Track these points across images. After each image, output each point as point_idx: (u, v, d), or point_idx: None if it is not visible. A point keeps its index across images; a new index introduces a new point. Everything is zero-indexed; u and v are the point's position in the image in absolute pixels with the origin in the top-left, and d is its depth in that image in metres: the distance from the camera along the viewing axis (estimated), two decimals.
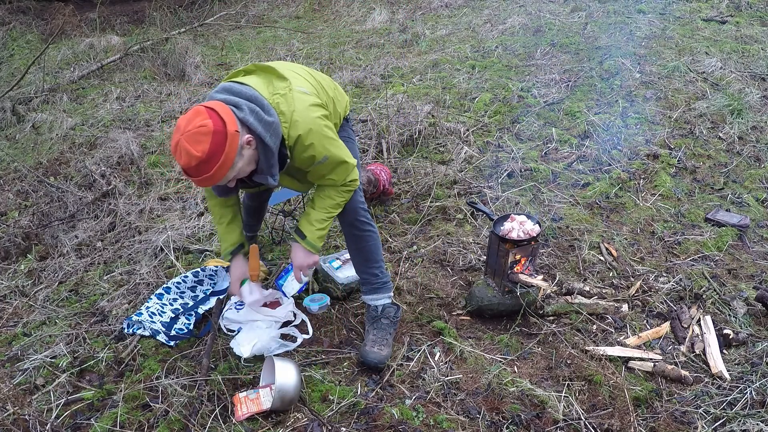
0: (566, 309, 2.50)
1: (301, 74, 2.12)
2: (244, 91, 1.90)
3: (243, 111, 1.84)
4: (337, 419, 2.04)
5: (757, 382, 2.11)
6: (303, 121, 1.94)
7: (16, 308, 2.69)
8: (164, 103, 4.91)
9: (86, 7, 7.61)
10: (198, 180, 1.81)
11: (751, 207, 3.26)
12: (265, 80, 2.00)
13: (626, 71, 4.78)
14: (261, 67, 2.05)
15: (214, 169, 1.78)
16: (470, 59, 5.39)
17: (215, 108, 1.79)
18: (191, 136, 1.74)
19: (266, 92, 1.94)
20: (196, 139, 1.74)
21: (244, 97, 1.88)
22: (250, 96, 1.89)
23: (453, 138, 3.94)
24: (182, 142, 1.75)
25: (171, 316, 2.52)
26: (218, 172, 1.80)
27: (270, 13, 8.11)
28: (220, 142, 1.76)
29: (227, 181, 1.89)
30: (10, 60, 6.26)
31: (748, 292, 2.61)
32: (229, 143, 1.78)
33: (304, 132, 1.94)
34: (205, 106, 1.80)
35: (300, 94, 1.98)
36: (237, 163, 1.84)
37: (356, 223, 2.27)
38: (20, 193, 3.71)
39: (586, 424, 1.99)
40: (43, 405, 2.11)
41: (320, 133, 1.99)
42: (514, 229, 2.47)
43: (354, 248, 2.35)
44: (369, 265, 2.35)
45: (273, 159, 1.93)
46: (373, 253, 2.34)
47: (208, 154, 1.75)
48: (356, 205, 2.25)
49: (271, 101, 1.92)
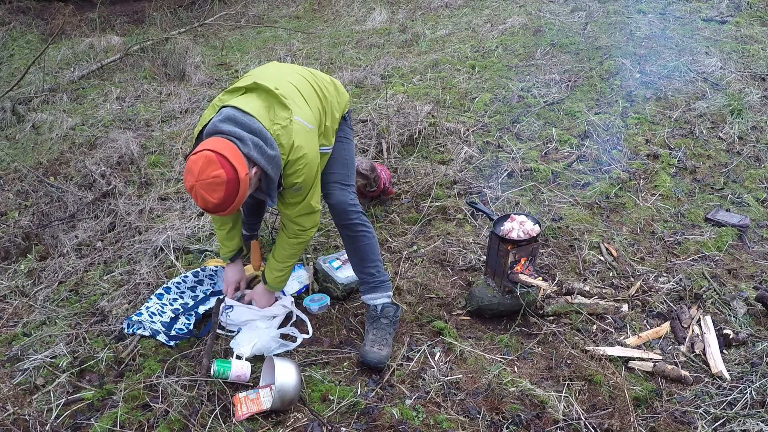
0: (566, 309, 2.50)
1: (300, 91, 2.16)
2: (247, 123, 1.96)
3: (247, 146, 1.92)
4: (337, 419, 2.04)
5: (757, 382, 2.11)
6: (298, 149, 2.04)
7: (16, 308, 2.69)
8: (164, 103, 4.91)
9: (86, 7, 7.61)
10: (217, 215, 2.07)
11: (751, 207, 3.26)
12: (266, 104, 2.04)
13: (626, 71, 4.78)
14: (263, 88, 2.06)
15: (230, 208, 1.94)
16: (470, 59, 5.39)
17: (224, 153, 1.86)
18: (207, 185, 1.86)
19: (267, 121, 2.00)
20: (211, 188, 1.86)
21: (247, 129, 1.95)
22: (253, 129, 1.95)
23: (453, 138, 3.94)
24: (198, 189, 1.87)
25: (171, 316, 2.52)
26: (233, 209, 1.96)
27: (270, 13, 8.11)
28: (233, 189, 1.89)
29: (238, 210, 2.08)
30: (10, 60, 6.26)
31: (748, 292, 2.61)
32: (242, 187, 1.91)
33: (294, 159, 2.05)
34: (215, 151, 1.86)
35: (299, 125, 2.06)
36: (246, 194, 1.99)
37: (348, 224, 2.32)
38: (20, 193, 3.71)
39: (586, 424, 1.99)
40: (43, 405, 2.11)
41: (309, 165, 2.10)
42: (514, 229, 2.47)
43: (350, 249, 2.40)
44: (365, 265, 2.38)
45: (272, 186, 2.05)
46: (368, 253, 2.37)
47: (224, 200, 1.89)
48: (345, 207, 2.30)
49: (272, 132, 1.99)
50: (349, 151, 2.42)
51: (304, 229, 2.27)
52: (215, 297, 2.61)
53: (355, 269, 2.45)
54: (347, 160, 2.38)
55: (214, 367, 2.13)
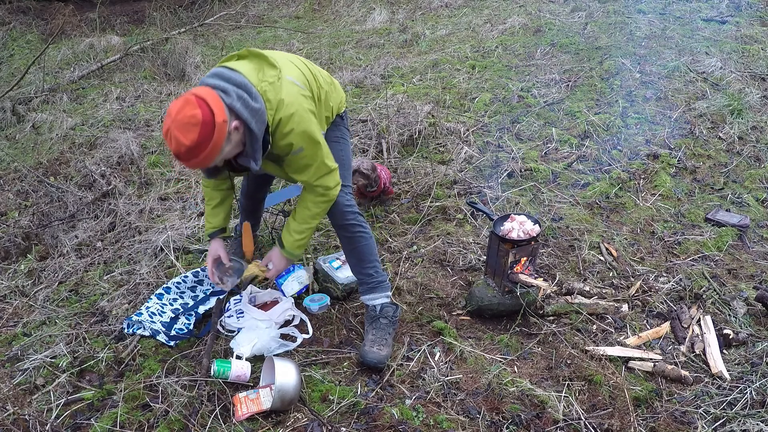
0: (566, 309, 2.50)
1: (295, 63, 2.15)
2: (233, 77, 1.94)
3: (231, 97, 1.89)
4: (337, 419, 2.04)
5: (757, 382, 2.11)
6: (287, 107, 1.98)
7: (16, 308, 2.69)
8: (164, 103, 4.90)
9: (86, 7, 7.61)
10: (189, 164, 1.90)
11: (751, 207, 3.26)
12: (257, 66, 2.03)
13: (626, 71, 4.78)
14: (254, 53, 2.08)
15: (202, 155, 1.85)
16: (470, 59, 5.39)
17: (205, 97, 1.83)
18: (181, 125, 1.80)
19: (255, 79, 1.98)
20: (185, 128, 1.80)
21: (233, 83, 1.92)
22: (238, 82, 1.93)
23: (453, 138, 3.94)
24: (173, 129, 1.82)
25: (171, 316, 2.52)
26: (206, 159, 1.87)
27: (270, 13, 8.11)
28: (208, 133, 1.82)
29: (215, 164, 1.96)
30: (10, 60, 6.26)
31: (748, 292, 2.61)
32: (217, 132, 1.84)
33: (285, 117, 1.98)
34: (195, 95, 1.84)
35: (289, 83, 2.02)
36: (225, 148, 1.90)
37: (345, 225, 2.30)
38: (20, 193, 3.71)
39: (586, 424, 1.99)
40: (43, 405, 2.11)
41: (302, 123, 2.02)
42: (514, 229, 2.47)
43: (347, 249, 2.39)
44: (363, 266, 2.37)
45: (257, 144, 1.97)
46: (365, 254, 2.35)
47: (197, 143, 1.81)
48: (342, 208, 2.27)
49: (259, 88, 1.96)
50: (346, 152, 2.42)
51: (329, 188, 2.18)
52: (215, 297, 2.62)
53: (353, 270, 2.43)
54: (344, 161, 2.36)
55: (214, 367, 2.13)
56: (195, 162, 1.87)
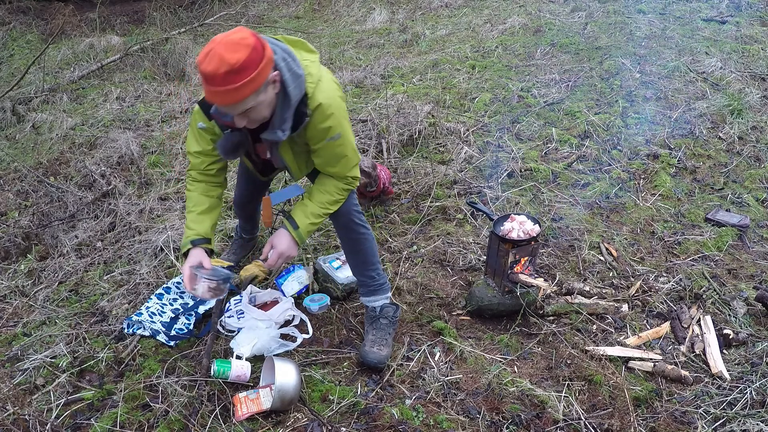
0: (566, 309, 2.50)
1: None
2: (279, 43, 1.87)
3: (277, 54, 1.80)
4: (337, 419, 2.04)
5: (757, 382, 2.11)
6: (328, 90, 1.91)
7: (16, 308, 2.69)
8: (164, 103, 4.90)
9: (86, 7, 7.60)
10: (220, 91, 1.68)
11: (751, 207, 3.26)
12: (296, 47, 1.97)
13: (626, 71, 4.78)
14: (289, 39, 1.99)
15: (242, 82, 1.67)
16: (470, 59, 5.38)
17: (257, 34, 1.73)
18: (230, 44, 1.66)
19: (297, 54, 1.90)
20: (234, 47, 1.65)
21: (279, 46, 1.85)
22: (284, 47, 1.86)
23: (453, 138, 3.94)
24: (217, 47, 1.66)
25: (171, 316, 2.52)
26: (243, 89, 1.69)
27: (270, 13, 8.11)
28: (256, 58, 1.68)
29: (243, 109, 1.76)
30: (10, 60, 6.26)
31: (748, 292, 2.61)
32: (264, 64, 1.70)
33: (327, 101, 1.89)
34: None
35: (326, 69, 1.98)
36: (260, 94, 1.75)
37: (351, 225, 2.24)
38: (20, 193, 3.71)
39: (586, 424, 1.99)
40: (43, 405, 2.11)
41: (341, 109, 1.96)
42: (514, 229, 2.47)
43: (350, 251, 2.33)
44: (366, 268, 2.33)
45: (288, 113, 1.85)
46: (369, 256, 2.31)
47: (242, 65, 1.65)
48: (350, 207, 2.22)
49: (300, 60, 1.88)
50: None
51: (355, 179, 2.11)
52: None
53: (355, 272, 2.39)
54: None
55: (214, 367, 2.13)
56: (230, 89, 1.67)
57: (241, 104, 1.73)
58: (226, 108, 1.77)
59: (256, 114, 1.81)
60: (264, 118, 1.85)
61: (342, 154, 2.03)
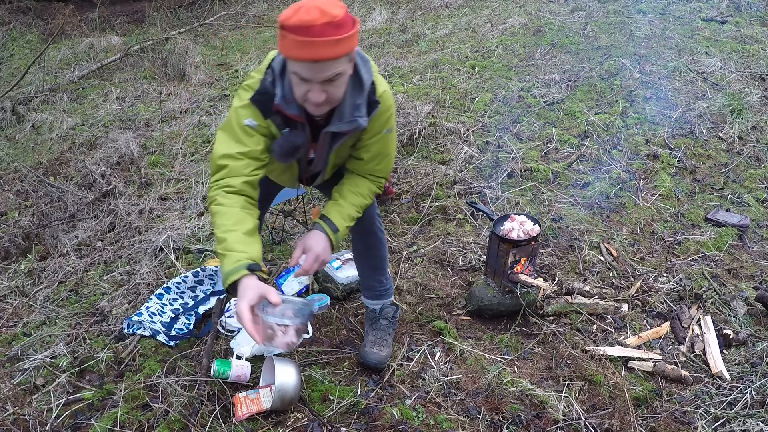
0: (566, 309, 2.50)
1: None
2: None
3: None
4: (337, 419, 2.04)
5: (757, 382, 2.11)
6: (385, 85, 1.84)
7: (16, 308, 2.69)
8: (164, 103, 4.91)
9: (86, 7, 7.61)
10: (317, 42, 1.53)
11: (751, 207, 3.26)
12: None
13: (626, 71, 4.78)
14: None
15: (342, 36, 1.54)
16: (470, 59, 5.39)
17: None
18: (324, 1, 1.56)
19: None
20: (331, 4, 1.55)
21: None
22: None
23: (453, 138, 3.94)
24: (312, 2, 1.55)
25: (171, 316, 2.52)
26: (342, 45, 1.56)
27: (270, 13, 8.10)
28: (350, 21, 1.59)
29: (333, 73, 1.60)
30: (10, 60, 6.26)
31: (748, 292, 2.61)
32: (356, 30, 1.59)
33: (388, 90, 1.83)
34: None
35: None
36: (348, 63, 1.65)
37: (373, 229, 2.17)
38: (20, 193, 3.71)
39: (586, 424, 1.99)
40: (43, 405, 2.11)
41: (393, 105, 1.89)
42: (514, 229, 2.47)
43: (364, 255, 2.26)
44: (377, 273, 2.29)
45: (361, 98, 1.76)
46: (381, 261, 2.27)
47: (342, 20, 1.55)
48: (374, 211, 2.16)
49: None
50: None
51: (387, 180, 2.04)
52: (215, 297, 2.62)
53: (364, 276, 2.32)
54: None
55: (214, 367, 2.13)
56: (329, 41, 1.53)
57: (334, 64, 1.59)
58: (316, 68, 1.58)
59: (336, 88, 1.66)
60: (338, 99, 1.71)
61: (388, 152, 1.94)
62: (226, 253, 1.64)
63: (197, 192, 3.54)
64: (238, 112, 1.79)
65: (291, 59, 1.60)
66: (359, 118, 1.76)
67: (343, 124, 1.78)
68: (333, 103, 1.72)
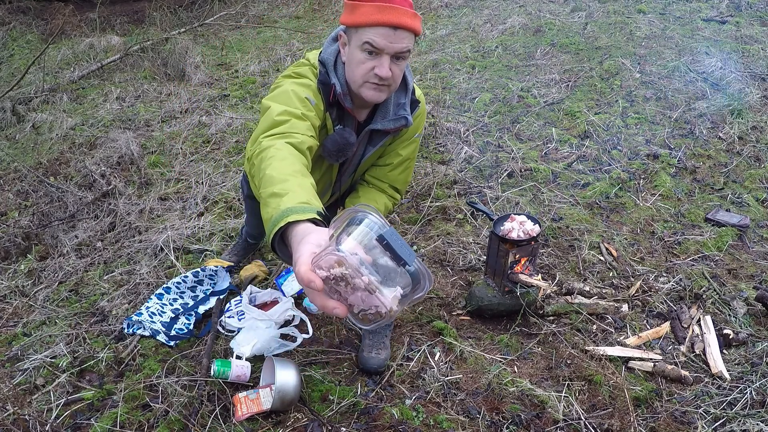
0: (566, 309, 2.50)
1: None
2: None
3: None
4: (337, 419, 2.04)
5: (757, 382, 2.11)
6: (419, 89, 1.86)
7: (16, 308, 2.69)
8: (164, 103, 4.91)
9: (86, 7, 7.60)
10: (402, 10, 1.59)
11: (751, 207, 3.26)
12: None
13: (626, 71, 4.78)
14: None
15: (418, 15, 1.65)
16: (470, 59, 5.39)
17: None
18: None
19: None
20: None
21: None
22: None
23: (453, 138, 3.94)
24: None
25: (171, 316, 2.52)
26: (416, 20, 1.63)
27: (270, 13, 8.10)
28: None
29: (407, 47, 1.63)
30: (10, 60, 6.26)
31: (748, 292, 2.61)
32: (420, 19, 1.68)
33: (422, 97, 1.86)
34: None
35: None
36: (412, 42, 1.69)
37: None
38: (20, 193, 3.71)
39: (586, 424, 1.99)
40: (43, 405, 2.11)
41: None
42: (514, 229, 2.47)
43: None
44: None
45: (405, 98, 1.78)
46: None
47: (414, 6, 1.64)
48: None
49: None
50: None
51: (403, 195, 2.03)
52: (215, 297, 2.62)
53: None
54: None
55: (214, 367, 2.13)
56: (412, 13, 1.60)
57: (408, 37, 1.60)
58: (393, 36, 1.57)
59: (400, 69, 1.66)
60: (396, 86, 1.72)
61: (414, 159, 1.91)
62: (286, 191, 1.21)
63: (197, 192, 3.54)
64: (301, 87, 1.67)
65: (369, 26, 1.57)
66: (406, 115, 1.74)
67: (388, 122, 1.76)
68: (391, 89, 1.69)
